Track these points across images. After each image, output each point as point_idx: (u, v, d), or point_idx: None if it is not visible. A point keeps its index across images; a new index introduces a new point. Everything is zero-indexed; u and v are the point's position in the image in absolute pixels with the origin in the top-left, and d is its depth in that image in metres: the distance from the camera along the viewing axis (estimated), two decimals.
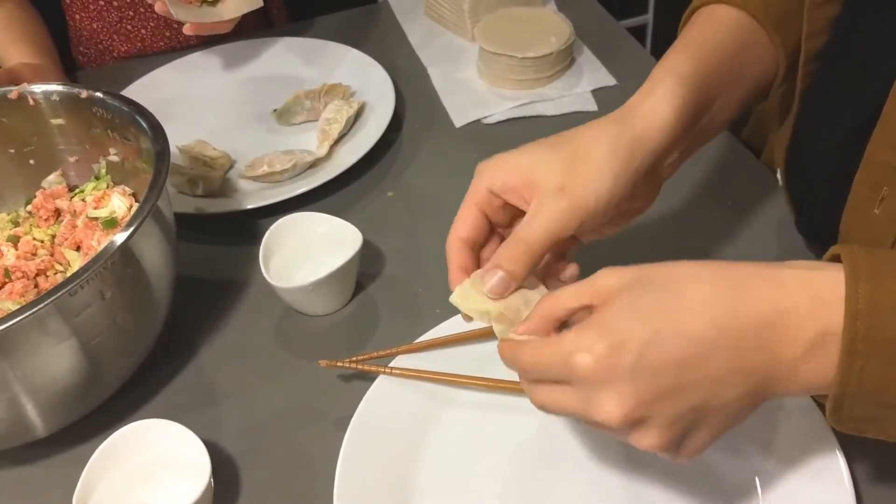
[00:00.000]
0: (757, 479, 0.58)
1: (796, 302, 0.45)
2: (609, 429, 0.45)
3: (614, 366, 0.44)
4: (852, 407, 0.45)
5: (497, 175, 0.55)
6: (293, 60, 1.08)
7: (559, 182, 0.52)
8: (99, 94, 0.72)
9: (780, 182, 0.76)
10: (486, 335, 0.68)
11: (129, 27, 1.13)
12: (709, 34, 0.64)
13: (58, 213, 0.76)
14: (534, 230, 0.52)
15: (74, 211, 0.75)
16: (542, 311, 0.49)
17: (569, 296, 0.48)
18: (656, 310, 0.44)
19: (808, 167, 0.71)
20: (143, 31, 1.14)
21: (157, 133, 0.67)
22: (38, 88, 0.74)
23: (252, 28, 1.15)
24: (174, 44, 1.15)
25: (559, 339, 0.46)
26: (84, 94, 0.73)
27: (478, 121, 0.96)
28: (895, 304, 0.43)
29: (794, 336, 0.44)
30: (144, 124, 0.68)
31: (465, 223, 0.56)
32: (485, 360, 0.66)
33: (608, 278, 0.47)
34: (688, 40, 0.63)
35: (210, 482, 0.58)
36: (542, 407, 0.49)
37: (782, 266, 0.46)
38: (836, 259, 0.46)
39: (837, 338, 0.44)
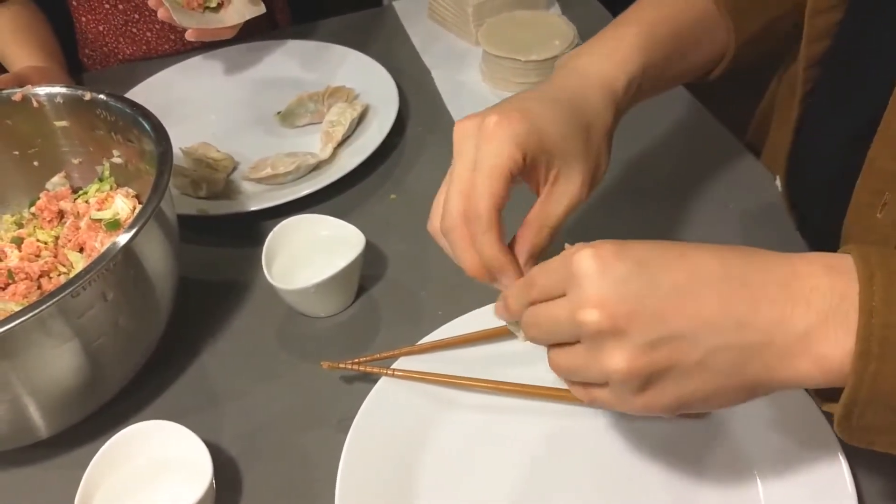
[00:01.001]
0: (759, 480, 0.57)
1: (812, 270, 0.42)
2: (583, 335, 0.44)
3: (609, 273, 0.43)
4: (863, 414, 0.42)
5: (531, 143, 0.52)
6: (297, 63, 1.08)
7: (582, 166, 0.54)
8: (102, 97, 0.72)
9: (780, 188, 0.76)
10: (489, 337, 0.68)
11: (134, 30, 1.13)
12: (679, 10, 0.66)
13: (61, 214, 0.77)
14: (555, 206, 0.53)
15: (78, 213, 0.75)
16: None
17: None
18: (658, 246, 0.45)
19: (809, 172, 0.71)
20: (149, 34, 1.14)
21: (160, 135, 0.68)
22: (42, 90, 0.74)
23: (256, 31, 1.15)
24: (179, 46, 1.15)
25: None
26: (87, 96, 0.73)
27: None
28: None
29: (808, 298, 0.41)
30: (147, 126, 0.69)
31: (500, 193, 0.51)
32: (488, 362, 0.67)
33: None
34: (659, 6, 0.66)
35: (212, 484, 0.58)
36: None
37: (791, 255, 0.45)
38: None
39: (856, 307, 0.41)
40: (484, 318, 0.68)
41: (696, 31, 0.66)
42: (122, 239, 0.59)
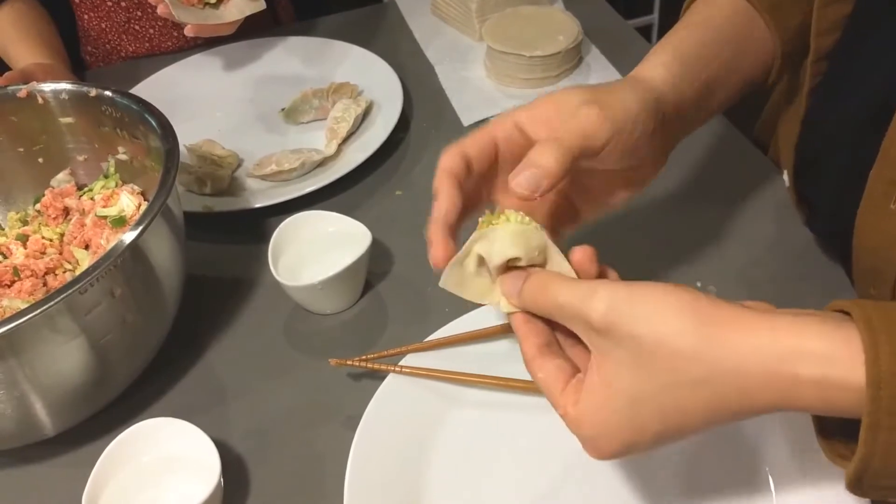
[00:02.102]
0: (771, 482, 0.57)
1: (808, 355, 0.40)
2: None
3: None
4: (876, 479, 0.41)
5: (523, 111, 0.53)
6: (300, 59, 1.07)
7: (589, 97, 0.52)
8: (108, 93, 0.72)
9: (787, 183, 0.76)
10: (497, 334, 0.67)
11: (137, 27, 1.13)
12: (708, 17, 0.65)
13: (66, 211, 0.76)
14: (569, 132, 0.50)
15: (83, 210, 0.75)
16: (534, 296, 0.48)
17: (562, 305, 0.46)
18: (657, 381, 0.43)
19: (818, 165, 0.71)
20: (152, 31, 1.14)
21: (167, 131, 0.67)
22: (47, 87, 0.74)
23: (259, 27, 1.15)
24: (182, 43, 1.15)
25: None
26: (93, 92, 0.73)
27: (486, 119, 0.95)
28: None
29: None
30: (154, 122, 0.68)
31: (472, 145, 0.53)
32: (495, 358, 0.66)
33: (599, 315, 0.44)
34: (687, 23, 0.65)
35: (220, 481, 0.57)
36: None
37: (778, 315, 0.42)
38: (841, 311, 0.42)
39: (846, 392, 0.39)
40: (491, 315, 0.68)
41: (730, 30, 0.65)
42: (130, 235, 0.58)
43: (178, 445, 0.60)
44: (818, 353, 0.39)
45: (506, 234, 0.48)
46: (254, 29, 1.11)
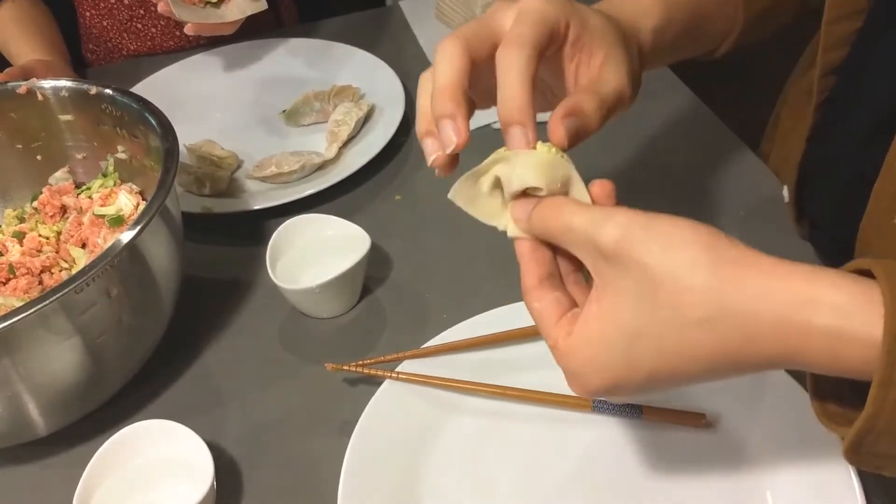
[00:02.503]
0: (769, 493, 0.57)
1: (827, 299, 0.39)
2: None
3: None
4: (877, 442, 0.39)
5: (574, 15, 0.49)
6: (302, 61, 1.07)
7: (626, 67, 0.50)
8: (108, 91, 0.72)
9: (787, 198, 0.76)
10: (494, 341, 0.67)
11: (139, 25, 1.13)
12: None
13: (64, 209, 0.76)
14: (608, 90, 0.48)
15: (81, 208, 0.74)
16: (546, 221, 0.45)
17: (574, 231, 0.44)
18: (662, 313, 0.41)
19: (822, 180, 0.71)
20: (153, 30, 1.13)
21: (167, 131, 0.67)
22: (47, 84, 0.74)
23: (261, 28, 1.14)
24: (183, 43, 1.15)
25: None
26: (93, 90, 0.72)
27: (487, 125, 0.95)
28: None
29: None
30: (153, 122, 0.68)
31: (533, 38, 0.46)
32: (493, 366, 0.66)
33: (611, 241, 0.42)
34: None
35: (213, 485, 0.57)
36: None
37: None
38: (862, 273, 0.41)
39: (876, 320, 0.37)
40: (489, 322, 0.68)
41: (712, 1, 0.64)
42: (127, 235, 0.58)
43: (172, 448, 0.60)
44: (834, 303, 0.38)
45: (530, 161, 0.45)
46: (256, 30, 1.10)
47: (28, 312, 0.52)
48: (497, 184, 0.47)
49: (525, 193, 0.46)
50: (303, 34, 1.12)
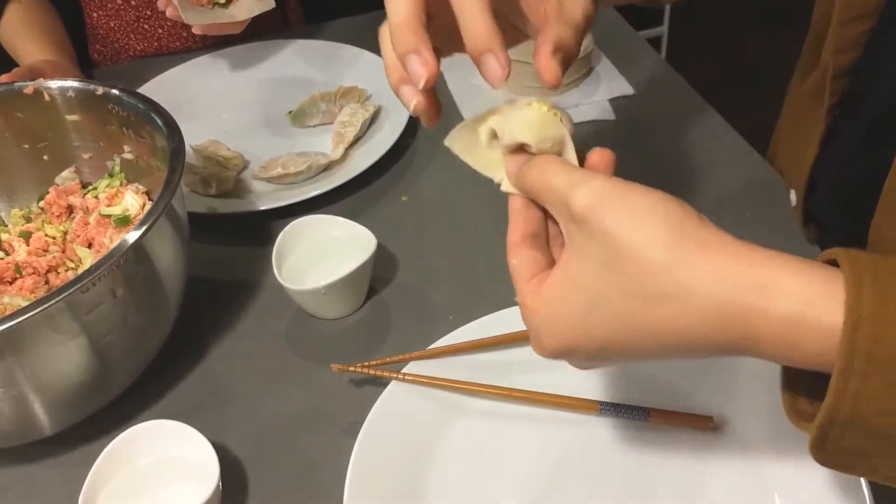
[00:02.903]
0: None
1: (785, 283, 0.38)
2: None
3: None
4: (842, 436, 0.38)
5: None
6: (309, 62, 1.07)
7: None
8: (115, 91, 0.72)
9: (794, 203, 0.75)
10: (501, 343, 0.67)
11: (145, 26, 1.13)
12: None
13: (70, 209, 0.76)
14: (578, 14, 0.46)
15: (87, 208, 0.74)
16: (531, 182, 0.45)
17: (551, 193, 0.43)
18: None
19: (833, 181, 0.71)
20: (160, 31, 1.13)
21: (173, 131, 0.67)
22: (54, 84, 0.74)
23: (268, 30, 1.14)
24: (190, 43, 1.15)
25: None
26: (100, 90, 0.72)
27: None
28: None
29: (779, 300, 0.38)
30: (160, 122, 0.68)
31: None
32: (499, 368, 0.66)
33: (583, 206, 0.41)
34: None
35: (218, 485, 0.57)
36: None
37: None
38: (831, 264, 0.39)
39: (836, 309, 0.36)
40: (496, 323, 0.68)
41: None
42: (133, 235, 0.58)
43: (177, 448, 0.60)
44: (795, 289, 0.37)
45: (523, 117, 0.45)
46: (263, 31, 1.11)
47: (34, 312, 0.52)
48: (495, 135, 0.47)
49: (522, 150, 0.46)
50: (309, 35, 1.12)
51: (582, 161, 0.46)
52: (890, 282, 0.36)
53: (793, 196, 0.76)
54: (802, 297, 0.37)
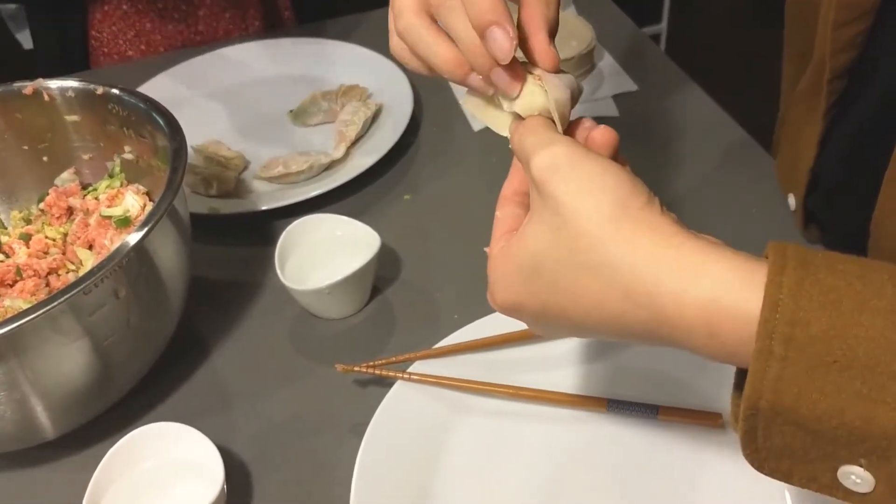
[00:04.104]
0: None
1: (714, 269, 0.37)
2: None
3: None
4: (769, 432, 0.36)
5: None
6: (309, 61, 1.06)
7: None
8: (115, 91, 0.71)
9: (793, 206, 0.75)
10: (507, 341, 0.66)
11: (148, 26, 1.12)
12: None
13: (70, 211, 0.75)
14: None
15: (87, 209, 0.74)
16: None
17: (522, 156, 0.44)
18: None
19: (833, 181, 0.70)
20: (159, 37, 1.13)
21: (174, 130, 0.66)
22: (54, 84, 0.73)
23: (266, 28, 1.14)
24: (191, 45, 1.14)
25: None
26: (100, 90, 0.71)
27: (487, 126, 0.95)
28: (829, 298, 0.34)
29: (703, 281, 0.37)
30: (161, 121, 0.67)
31: None
32: (505, 366, 0.65)
33: (542, 170, 0.42)
34: None
35: (223, 488, 0.56)
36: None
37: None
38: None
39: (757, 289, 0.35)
40: (501, 322, 0.67)
41: None
42: (136, 236, 0.57)
43: (182, 451, 0.59)
44: (716, 275, 0.36)
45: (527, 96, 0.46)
46: (261, 29, 1.10)
47: (36, 314, 0.52)
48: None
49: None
50: (309, 34, 1.12)
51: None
52: (814, 265, 0.35)
53: (791, 200, 0.76)
54: (722, 283, 0.36)
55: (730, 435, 0.60)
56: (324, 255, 0.75)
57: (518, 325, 0.66)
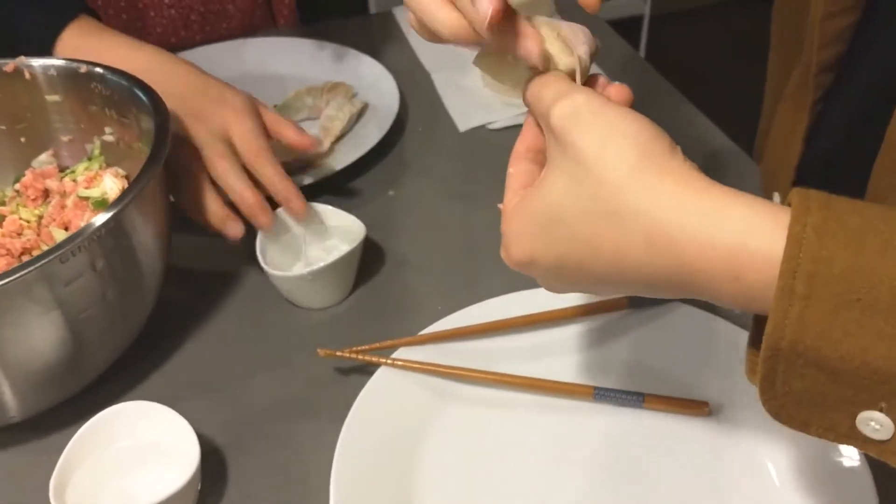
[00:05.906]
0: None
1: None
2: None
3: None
4: (788, 375, 0.35)
5: None
6: (297, 60, 1.06)
7: None
8: (99, 70, 0.70)
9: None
10: (492, 329, 0.65)
11: (138, 24, 1.11)
12: None
13: (46, 193, 0.73)
14: None
15: (64, 192, 0.72)
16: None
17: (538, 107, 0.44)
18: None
19: (820, 175, 0.70)
20: (158, 30, 1.12)
21: (159, 108, 0.65)
22: (37, 62, 0.71)
23: (258, 27, 1.13)
24: (176, 41, 1.13)
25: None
26: (83, 68, 0.70)
27: (482, 126, 0.95)
28: (853, 238, 0.33)
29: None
30: (145, 99, 0.66)
31: None
32: (490, 355, 0.64)
33: (563, 120, 0.41)
34: None
35: (198, 470, 0.54)
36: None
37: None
38: None
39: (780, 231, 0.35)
40: (485, 312, 0.66)
41: None
42: (115, 207, 0.56)
43: (156, 432, 0.57)
44: (740, 219, 0.36)
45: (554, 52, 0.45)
46: (253, 28, 1.09)
47: (10, 279, 0.50)
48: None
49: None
50: (298, 35, 1.11)
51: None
52: (837, 207, 0.35)
53: (776, 199, 0.76)
54: (748, 226, 0.36)
55: (716, 422, 0.59)
56: (306, 243, 0.74)
57: (501, 315, 0.66)
